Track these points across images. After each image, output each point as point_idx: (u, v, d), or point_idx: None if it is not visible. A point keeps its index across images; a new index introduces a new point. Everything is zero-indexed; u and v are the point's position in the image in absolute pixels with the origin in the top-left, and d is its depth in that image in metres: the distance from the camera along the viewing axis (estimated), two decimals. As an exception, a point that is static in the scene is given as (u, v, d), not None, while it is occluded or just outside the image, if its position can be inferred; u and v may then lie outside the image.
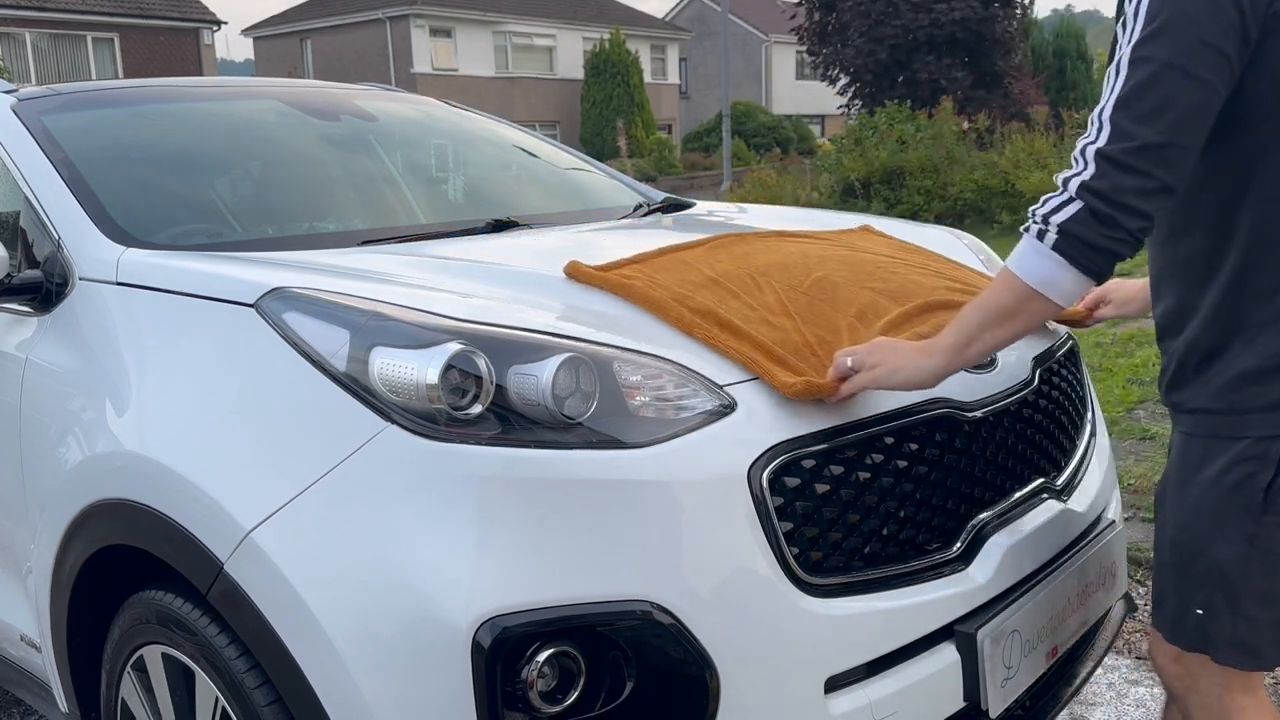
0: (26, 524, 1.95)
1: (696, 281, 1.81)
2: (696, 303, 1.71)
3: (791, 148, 28.36)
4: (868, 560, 1.57)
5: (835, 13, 24.40)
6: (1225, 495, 1.49)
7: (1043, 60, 27.95)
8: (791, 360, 1.63)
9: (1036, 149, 13.22)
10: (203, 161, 2.62)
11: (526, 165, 3.23)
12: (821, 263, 2.00)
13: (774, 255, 2.01)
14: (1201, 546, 1.52)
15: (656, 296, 1.71)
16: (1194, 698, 1.61)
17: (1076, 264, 1.43)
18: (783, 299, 1.81)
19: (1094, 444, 2.13)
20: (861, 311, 1.82)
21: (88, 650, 1.90)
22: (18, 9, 21.50)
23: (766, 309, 1.76)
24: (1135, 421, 4.74)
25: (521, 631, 1.35)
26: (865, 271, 2.00)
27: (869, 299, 1.87)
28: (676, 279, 1.80)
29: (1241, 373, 1.48)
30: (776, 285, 1.85)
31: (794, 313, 1.77)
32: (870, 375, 1.58)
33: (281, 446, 1.53)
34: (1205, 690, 1.59)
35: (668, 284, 1.76)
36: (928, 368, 1.58)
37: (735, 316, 1.70)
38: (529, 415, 1.43)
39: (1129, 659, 2.84)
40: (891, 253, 2.20)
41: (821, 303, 1.83)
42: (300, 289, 1.65)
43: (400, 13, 30.22)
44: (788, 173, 16.57)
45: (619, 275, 1.79)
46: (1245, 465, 1.47)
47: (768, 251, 2.04)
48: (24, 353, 2.00)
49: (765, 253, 2.03)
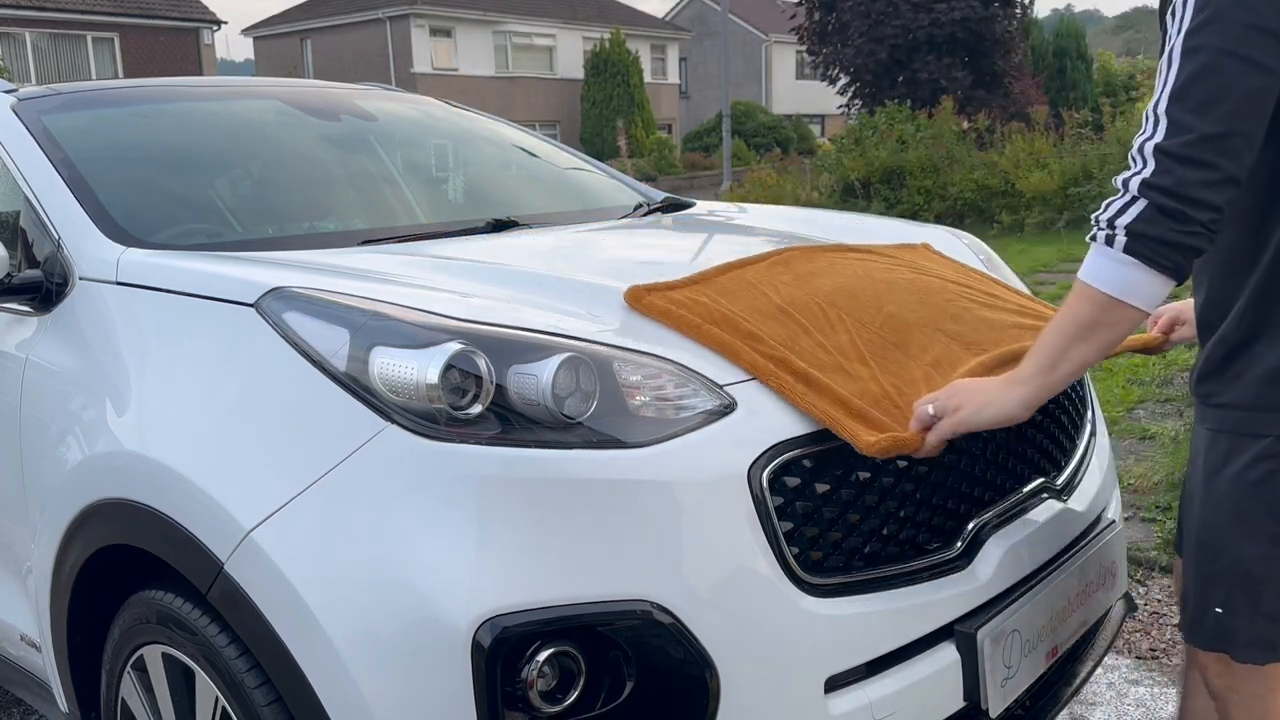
0: (26, 524, 1.95)
1: (765, 311, 1.75)
2: (770, 347, 1.64)
3: (791, 148, 28.34)
4: (868, 560, 1.57)
5: (835, 12, 24.38)
6: (1248, 493, 1.48)
7: (1043, 60, 27.93)
8: (872, 413, 1.58)
9: (1036, 149, 13.20)
10: (203, 161, 2.62)
11: (526, 165, 3.23)
12: (891, 291, 1.93)
13: (839, 277, 1.95)
14: (1224, 544, 1.51)
15: (727, 340, 1.64)
16: (1234, 697, 1.59)
17: (1152, 264, 1.38)
18: (855, 340, 1.75)
19: (1094, 444, 2.13)
20: (937, 360, 1.76)
21: (88, 650, 1.90)
22: (18, 9, 21.50)
23: (841, 352, 1.70)
24: (1135, 421, 4.74)
25: (521, 631, 1.35)
26: (935, 308, 1.93)
27: (944, 346, 1.81)
28: (744, 305, 1.74)
29: (1267, 370, 1.46)
30: (848, 321, 1.79)
31: (869, 358, 1.72)
32: (955, 419, 1.54)
33: (281, 446, 1.53)
34: (1246, 691, 1.57)
35: (735, 313, 1.70)
36: (1015, 398, 1.53)
37: (810, 363, 1.64)
38: (529, 415, 1.43)
39: (1129, 659, 2.84)
40: (955, 278, 2.14)
41: (895, 347, 1.77)
42: (300, 289, 1.65)
43: (400, 12, 30.22)
44: (788, 172, 16.56)
45: (684, 300, 1.70)
46: (1267, 463, 1.46)
47: (833, 271, 1.97)
48: (24, 352, 2.00)
49: (830, 272, 1.96)
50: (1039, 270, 9.30)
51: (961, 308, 1.97)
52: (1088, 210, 12.32)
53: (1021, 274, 2.65)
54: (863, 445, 1.52)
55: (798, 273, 1.93)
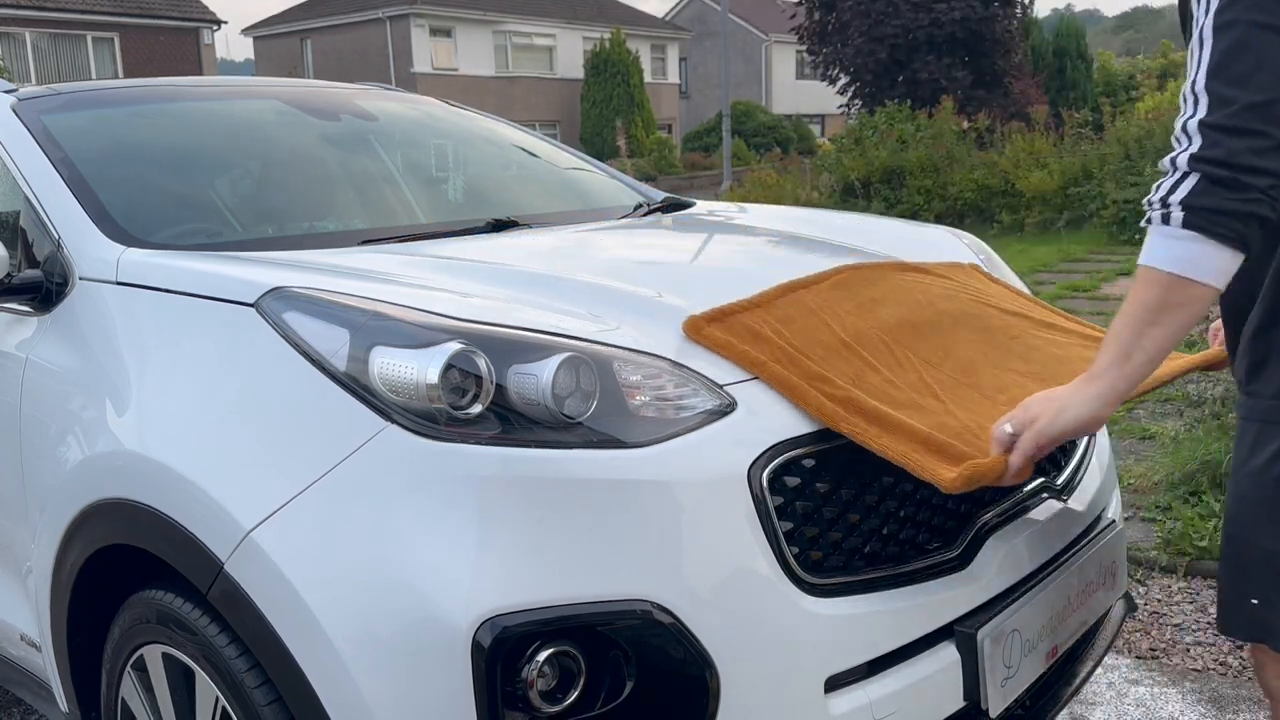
0: (26, 524, 1.95)
1: (829, 344, 1.71)
2: (837, 387, 1.59)
3: (791, 147, 28.35)
4: (868, 560, 1.57)
5: (835, 12, 24.39)
6: (1273, 486, 1.46)
7: (1043, 60, 27.92)
8: (956, 445, 1.52)
9: (1036, 149, 13.20)
10: (203, 161, 2.62)
11: (526, 165, 3.23)
12: (955, 328, 1.89)
13: (901, 306, 1.91)
14: (1252, 536, 1.49)
15: (794, 382, 1.59)
16: None
17: (1214, 235, 1.34)
18: (925, 378, 1.72)
19: (1094, 444, 2.13)
20: (1013, 400, 1.66)
21: (88, 650, 1.90)
22: (18, 9, 21.50)
23: (913, 388, 1.68)
24: (1135, 421, 4.74)
25: (521, 631, 1.35)
26: (1002, 347, 1.89)
27: (1020, 385, 1.76)
28: (806, 338, 1.70)
29: None
30: (915, 360, 1.76)
31: (942, 394, 1.69)
32: (1036, 430, 1.48)
33: (281, 446, 1.53)
34: None
35: (799, 349, 1.65)
36: (1093, 394, 1.46)
37: (882, 400, 1.60)
38: (529, 415, 1.43)
39: (1129, 659, 2.84)
40: (1012, 308, 2.11)
41: (968, 386, 1.74)
42: (300, 288, 1.65)
43: (400, 12, 30.22)
44: (788, 172, 16.57)
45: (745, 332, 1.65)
46: None
47: (894, 298, 1.93)
48: (24, 352, 2.00)
49: (891, 300, 1.92)
50: (1039, 270, 9.30)
51: (1029, 346, 1.94)
52: (1087, 210, 12.28)
53: (1021, 274, 2.65)
54: (944, 484, 1.47)
55: (859, 299, 1.89)
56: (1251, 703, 2.59)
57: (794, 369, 1.62)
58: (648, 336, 1.62)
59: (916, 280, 2.08)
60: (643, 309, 1.73)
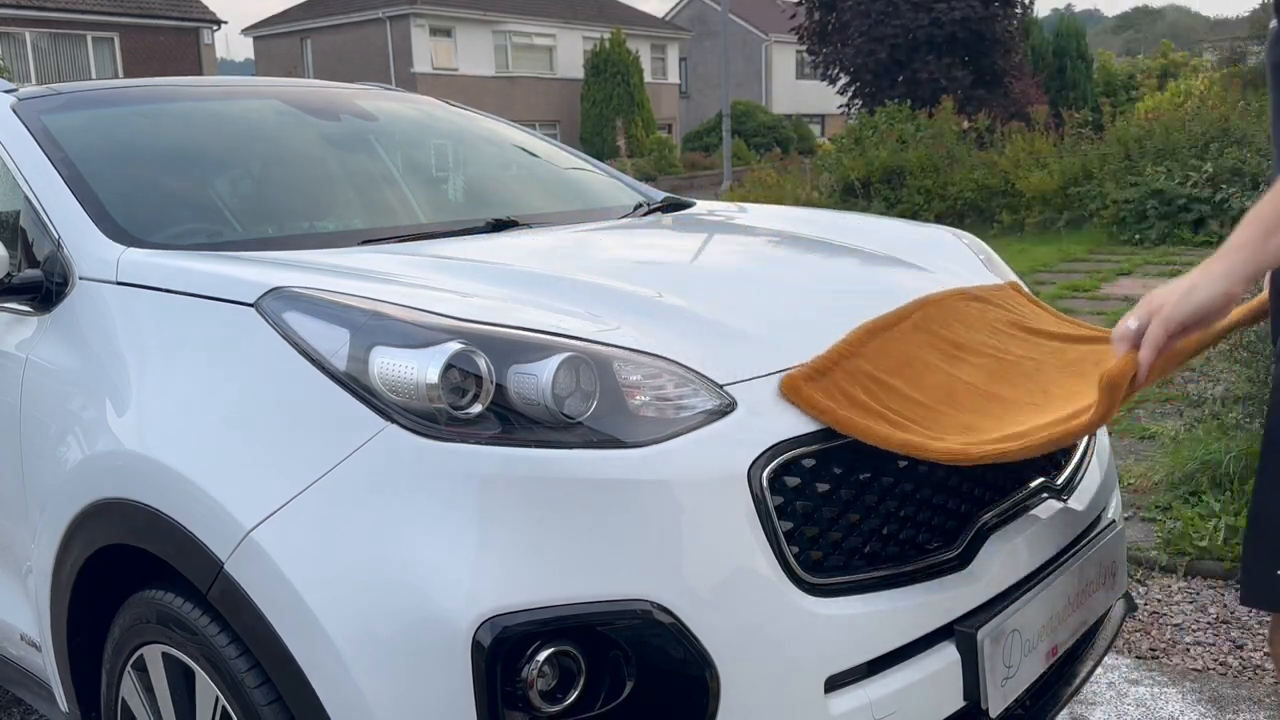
0: (26, 523, 1.95)
1: (924, 404, 1.70)
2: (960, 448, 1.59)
3: (791, 147, 28.34)
4: (868, 560, 1.57)
5: (835, 12, 24.39)
6: None
7: (1043, 60, 27.93)
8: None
9: (1036, 148, 13.20)
10: (203, 161, 2.62)
11: (526, 165, 3.23)
12: (1039, 368, 1.92)
13: (983, 354, 1.91)
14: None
15: (916, 443, 1.58)
16: None
17: None
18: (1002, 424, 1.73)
19: (1094, 444, 2.13)
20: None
21: (88, 650, 1.90)
22: (18, 9, 21.50)
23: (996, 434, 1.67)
24: (1135, 421, 4.74)
25: (521, 631, 1.35)
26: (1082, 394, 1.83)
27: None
28: (901, 401, 1.68)
29: None
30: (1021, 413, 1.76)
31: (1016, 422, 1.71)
32: (1164, 316, 1.38)
33: (281, 446, 1.53)
34: None
35: (901, 415, 1.64)
36: (1222, 271, 1.35)
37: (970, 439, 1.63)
38: (529, 415, 1.43)
39: (1129, 658, 2.84)
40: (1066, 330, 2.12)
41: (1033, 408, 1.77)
42: (300, 288, 1.65)
43: (400, 12, 30.22)
44: (788, 172, 16.56)
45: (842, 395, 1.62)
46: None
47: (970, 343, 1.93)
48: (24, 352, 2.00)
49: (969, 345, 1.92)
50: (1039, 270, 9.30)
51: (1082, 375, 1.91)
52: (1087, 210, 12.27)
53: (1021, 274, 2.65)
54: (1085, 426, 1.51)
55: (943, 342, 1.88)
56: (1251, 703, 2.59)
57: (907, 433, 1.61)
58: (648, 336, 1.62)
59: (980, 311, 2.06)
60: (643, 309, 1.73)
